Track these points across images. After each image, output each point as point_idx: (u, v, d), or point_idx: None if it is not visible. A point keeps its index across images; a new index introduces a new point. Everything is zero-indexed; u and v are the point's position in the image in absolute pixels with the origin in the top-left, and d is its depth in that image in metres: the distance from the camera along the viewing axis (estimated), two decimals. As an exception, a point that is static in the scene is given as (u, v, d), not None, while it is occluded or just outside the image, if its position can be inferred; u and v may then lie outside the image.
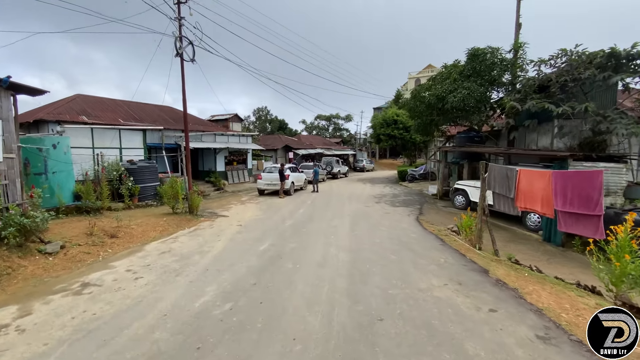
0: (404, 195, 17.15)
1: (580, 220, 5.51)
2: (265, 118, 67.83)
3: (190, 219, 10.53)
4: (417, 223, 9.83)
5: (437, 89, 14.25)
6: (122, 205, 12.90)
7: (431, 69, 65.50)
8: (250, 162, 23.12)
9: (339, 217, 10.72)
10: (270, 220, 10.35)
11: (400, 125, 26.05)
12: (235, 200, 15.37)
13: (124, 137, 14.88)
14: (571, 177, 5.54)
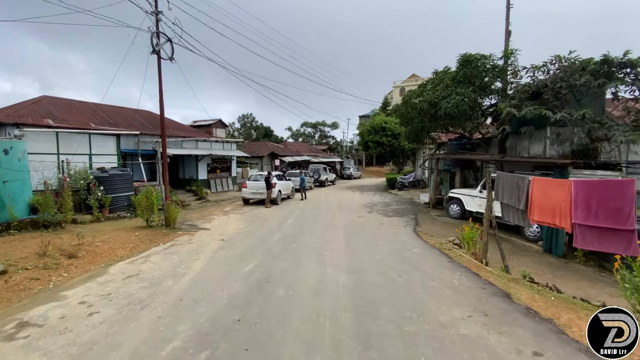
0: (396, 204, 16.55)
1: (605, 236, 4.93)
2: (250, 125, 66.67)
3: (167, 233, 9.47)
4: (415, 235, 9.15)
5: (430, 95, 13.82)
6: (90, 217, 11.67)
7: (415, 79, 66.41)
8: (234, 169, 22.06)
9: (332, 229, 9.92)
10: (257, 233, 9.43)
11: (389, 132, 25.69)
12: (218, 211, 14.32)
13: (95, 142, 13.64)
14: (596, 187, 4.97)
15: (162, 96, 9.90)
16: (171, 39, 9.77)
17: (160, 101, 9.90)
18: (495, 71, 13.28)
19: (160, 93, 9.89)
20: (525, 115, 10.67)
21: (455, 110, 12.55)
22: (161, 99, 9.90)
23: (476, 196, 12.23)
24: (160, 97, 9.91)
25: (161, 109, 9.95)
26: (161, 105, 9.91)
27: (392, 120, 27.30)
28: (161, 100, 9.91)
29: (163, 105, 9.93)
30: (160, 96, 9.89)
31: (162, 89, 9.87)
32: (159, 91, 9.87)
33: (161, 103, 9.90)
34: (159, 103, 9.89)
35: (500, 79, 13.66)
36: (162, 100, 9.92)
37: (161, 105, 9.92)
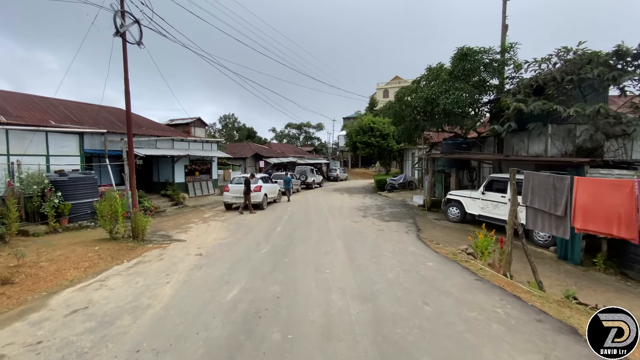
0: (389, 206, 15.62)
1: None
2: (232, 126, 64.67)
3: (134, 246, 8.05)
4: (422, 244, 8.16)
5: (426, 91, 12.98)
6: (45, 228, 10.06)
7: (398, 80, 66.49)
8: (215, 172, 20.55)
9: (327, 237, 8.79)
10: (241, 245, 8.17)
11: (377, 132, 24.88)
12: (196, 218, 12.89)
13: (54, 141, 11.94)
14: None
15: (128, 86, 8.49)
16: (139, 20, 8.39)
17: (126, 91, 8.47)
18: (494, 66, 12.60)
19: (125, 82, 8.46)
20: (532, 111, 9.95)
21: (454, 107, 11.76)
22: (127, 89, 8.47)
23: (478, 198, 11.43)
24: (126, 87, 8.48)
25: (127, 101, 8.52)
26: (127, 96, 8.49)
27: (380, 120, 26.54)
28: (127, 91, 8.48)
29: (129, 97, 8.51)
30: (125, 86, 8.46)
31: (128, 78, 8.46)
32: (125, 80, 8.45)
33: (127, 94, 8.48)
34: (124, 94, 8.46)
35: (498, 75, 13.01)
36: (128, 90, 8.50)
37: (127, 97, 8.49)
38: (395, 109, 14.62)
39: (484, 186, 11.29)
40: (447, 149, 15.02)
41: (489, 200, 11.08)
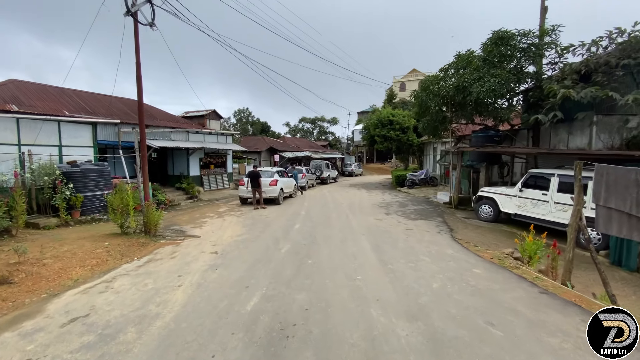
0: (412, 204, 14.72)
1: None
2: (246, 120, 64.47)
3: (145, 242, 7.52)
4: (460, 246, 7.31)
5: (457, 79, 11.96)
6: (57, 221, 9.69)
7: (416, 73, 64.54)
8: (230, 165, 20.07)
9: (352, 237, 8.04)
10: (258, 242, 7.52)
11: (397, 125, 23.82)
12: (211, 212, 12.38)
13: (67, 132, 11.59)
14: None
15: (140, 71, 7.90)
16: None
17: (138, 77, 7.89)
18: (533, 50, 11.45)
19: (137, 67, 7.88)
20: (582, 99, 8.88)
21: (491, 95, 10.73)
22: (138, 75, 7.89)
23: (514, 195, 10.43)
24: (138, 73, 7.90)
25: (138, 87, 7.94)
26: (138, 81, 7.91)
27: (399, 113, 25.45)
28: (138, 76, 7.90)
29: (141, 82, 7.93)
30: (137, 71, 7.88)
31: (140, 62, 7.87)
32: (136, 65, 7.87)
33: (138, 79, 7.89)
34: (136, 79, 7.88)
35: (536, 61, 11.84)
36: (140, 75, 7.91)
37: (138, 82, 7.91)
38: (421, 99, 13.63)
39: (522, 182, 10.28)
40: (477, 142, 13.96)
41: (527, 198, 10.08)
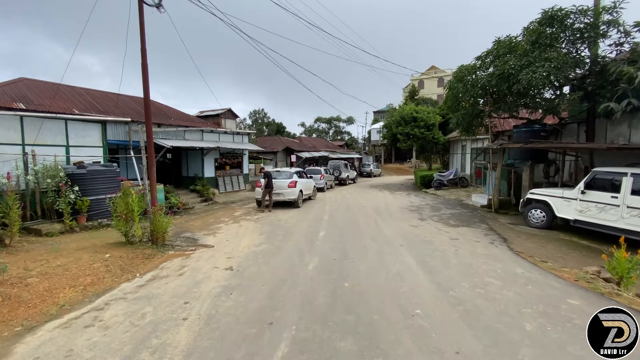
0: (445, 207, 13.31)
1: None
2: (262, 121, 64.07)
3: (151, 254, 6.54)
4: (525, 262, 5.96)
5: (501, 66, 10.51)
6: (60, 227, 8.92)
7: (435, 70, 62.46)
8: (246, 165, 19.16)
9: (388, 248, 6.82)
10: (280, 255, 6.41)
11: (421, 122, 22.31)
12: (226, 216, 11.40)
13: (74, 131, 10.87)
14: None
15: (146, 59, 6.94)
16: (158, -24, 6.80)
17: (143, 65, 6.93)
18: (592, 30, 9.88)
19: (143, 54, 6.92)
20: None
21: (545, 82, 9.25)
22: (144, 63, 6.93)
23: (574, 198, 8.91)
24: (143, 60, 6.94)
25: (144, 75, 6.97)
26: (144, 70, 6.94)
27: (423, 109, 23.92)
28: (144, 64, 6.93)
29: (147, 71, 6.96)
30: (142, 58, 6.92)
31: (146, 49, 6.92)
32: (141, 51, 6.91)
33: (144, 68, 6.93)
34: (141, 67, 6.92)
35: (592, 42, 10.26)
36: (146, 64, 6.94)
37: (144, 71, 6.94)
38: (458, 90, 12.23)
39: (585, 183, 8.74)
40: (520, 138, 12.41)
41: (591, 201, 8.55)
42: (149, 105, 7.21)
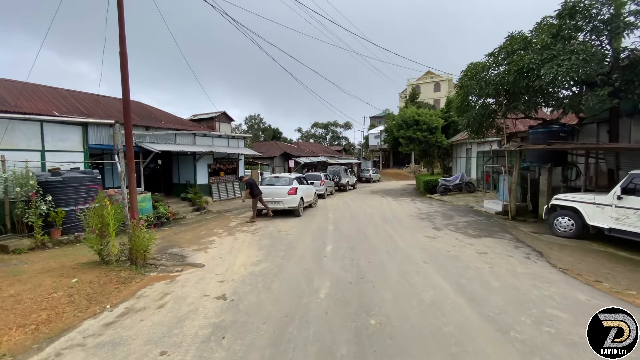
0: (457, 214, 12.36)
1: None
2: (258, 126, 63.18)
3: (129, 276, 5.46)
4: (581, 283, 4.98)
5: (518, 61, 9.67)
6: (30, 243, 7.80)
7: (431, 76, 62.22)
8: (242, 171, 18.11)
9: (411, 266, 5.81)
10: (283, 278, 5.37)
11: (424, 126, 21.49)
12: (220, 227, 10.33)
13: (51, 134, 9.81)
14: None
15: (125, 47, 5.92)
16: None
17: (122, 53, 5.90)
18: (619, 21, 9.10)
19: (121, 40, 5.90)
20: None
21: (573, 76, 8.40)
22: (122, 51, 5.91)
23: (609, 205, 8.00)
24: (122, 48, 5.92)
25: (123, 67, 5.95)
26: (122, 60, 5.91)
27: (425, 112, 23.13)
28: (122, 53, 5.91)
29: (126, 60, 5.93)
30: (121, 45, 5.90)
31: (125, 35, 5.91)
32: (120, 37, 5.89)
33: (122, 57, 5.90)
34: (120, 57, 5.89)
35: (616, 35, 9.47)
36: (125, 52, 5.92)
37: (123, 61, 5.92)
38: (470, 87, 11.36)
39: (621, 187, 7.84)
40: (537, 139, 11.52)
41: (630, 207, 7.63)
42: (128, 102, 6.18)
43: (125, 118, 6.21)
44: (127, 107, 6.14)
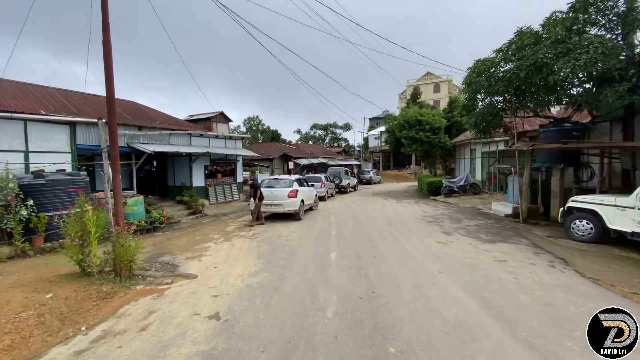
0: (465, 217, 11.81)
1: None
2: (257, 128, 62.71)
3: (111, 290, 4.88)
4: (618, 297, 4.43)
5: (532, 56, 9.16)
6: (9, 251, 7.23)
7: (430, 77, 61.87)
8: (240, 173, 17.53)
9: (425, 276, 5.25)
10: (284, 292, 4.80)
11: (427, 126, 20.98)
12: (216, 232, 9.75)
13: (36, 133, 9.23)
14: None
15: (109, 35, 5.37)
16: None
17: (105, 42, 5.35)
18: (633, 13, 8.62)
19: (104, 28, 5.35)
20: None
21: (592, 69, 7.90)
22: (106, 39, 5.35)
23: (630, 207, 7.47)
24: (105, 37, 5.37)
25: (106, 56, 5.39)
26: (106, 49, 5.36)
27: (428, 112, 22.63)
28: (106, 41, 5.35)
29: (110, 49, 5.37)
30: (104, 34, 5.35)
31: (108, 22, 5.35)
32: (103, 25, 5.34)
33: (106, 45, 5.34)
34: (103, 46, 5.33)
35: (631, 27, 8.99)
36: (109, 41, 5.37)
37: (106, 50, 5.36)
38: (478, 85, 10.85)
39: (645, 189, 7.32)
40: (549, 138, 11.03)
41: (656, 210, 7.11)
42: (112, 95, 5.62)
43: (109, 113, 5.65)
44: (111, 101, 5.58)
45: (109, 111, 5.73)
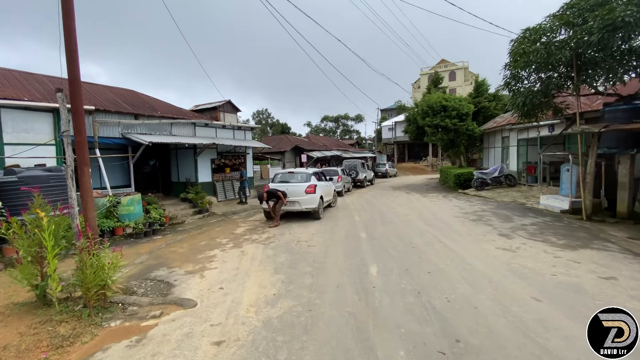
0: (514, 214, 10.07)
1: None
2: (266, 122, 61.30)
3: (72, 331, 3.43)
4: None
5: (607, 15, 7.30)
6: (-30, 264, 5.85)
7: (445, 64, 59.05)
8: (250, 167, 16.06)
9: (520, 307, 3.66)
10: (319, 332, 3.26)
11: (453, 112, 19.04)
12: (224, 235, 8.30)
13: (12, 122, 7.88)
14: None
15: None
16: None
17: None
18: None
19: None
20: None
21: None
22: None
23: None
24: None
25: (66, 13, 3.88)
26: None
27: (453, 97, 20.66)
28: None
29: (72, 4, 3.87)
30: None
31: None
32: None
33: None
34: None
35: None
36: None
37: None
38: (533, 54, 8.97)
39: None
40: (617, 118, 9.13)
41: None
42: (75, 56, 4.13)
43: (70, 83, 4.19)
44: (73, 65, 4.10)
45: (71, 80, 4.28)
